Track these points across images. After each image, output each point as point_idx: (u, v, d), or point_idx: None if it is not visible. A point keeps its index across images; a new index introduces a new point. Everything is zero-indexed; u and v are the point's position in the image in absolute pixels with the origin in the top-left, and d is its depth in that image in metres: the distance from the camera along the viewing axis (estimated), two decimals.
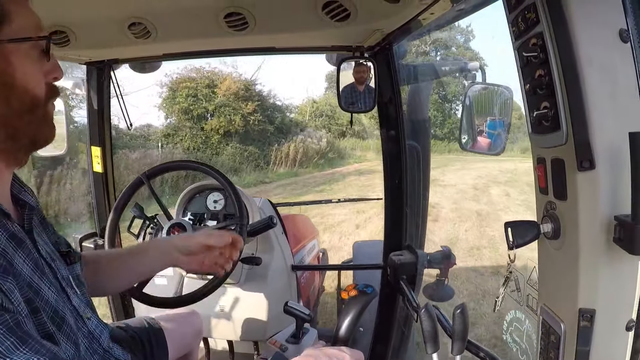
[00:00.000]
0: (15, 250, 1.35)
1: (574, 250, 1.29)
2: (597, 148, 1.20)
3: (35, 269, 1.40)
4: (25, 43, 1.38)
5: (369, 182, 23.29)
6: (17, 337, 1.13)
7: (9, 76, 1.35)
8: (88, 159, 3.63)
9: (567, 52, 1.20)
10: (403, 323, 3.28)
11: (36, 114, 1.43)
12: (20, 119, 1.40)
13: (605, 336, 1.31)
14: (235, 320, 3.56)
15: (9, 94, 1.36)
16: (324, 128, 39.15)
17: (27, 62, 1.39)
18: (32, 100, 1.41)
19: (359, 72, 2.87)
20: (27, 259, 1.39)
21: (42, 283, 1.40)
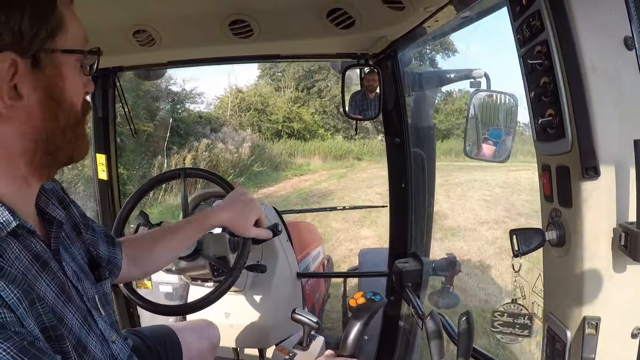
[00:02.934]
0: (39, 273, 1.28)
1: (579, 258, 1.29)
2: (602, 155, 1.20)
3: (60, 293, 1.34)
4: (75, 56, 1.33)
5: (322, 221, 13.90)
6: (31, 356, 1.05)
7: (59, 90, 1.29)
8: (93, 167, 3.63)
9: (571, 59, 1.20)
10: (408, 330, 3.27)
11: (78, 130, 1.38)
12: (64, 136, 1.34)
13: (610, 344, 1.31)
14: (241, 327, 3.56)
15: (57, 110, 1.30)
16: (250, 127, 31.64)
17: (75, 75, 1.34)
18: (76, 116, 1.36)
19: (369, 80, 2.88)
20: (52, 282, 1.32)
21: (66, 310, 1.34)
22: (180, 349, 2.47)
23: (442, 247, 10.82)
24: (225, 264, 2.78)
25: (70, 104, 1.32)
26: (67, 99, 1.31)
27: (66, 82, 1.29)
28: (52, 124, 1.29)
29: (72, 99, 1.32)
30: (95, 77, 3.41)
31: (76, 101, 1.34)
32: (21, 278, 1.18)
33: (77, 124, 1.36)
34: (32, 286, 1.21)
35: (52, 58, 1.26)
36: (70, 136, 1.34)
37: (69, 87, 1.30)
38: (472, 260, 10.42)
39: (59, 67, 1.27)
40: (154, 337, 2.41)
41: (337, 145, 36.51)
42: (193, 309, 2.63)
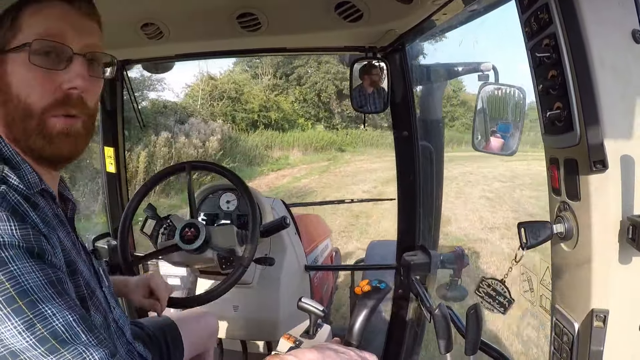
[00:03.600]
0: (58, 226, 1.47)
1: (587, 251, 1.29)
2: (610, 148, 1.20)
3: (72, 247, 1.53)
4: (24, 51, 1.42)
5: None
6: (56, 291, 1.25)
7: (4, 84, 1.45)
8: (101, 160, 3.64)
9: (579, 52, 1.20)
10: (416, 323, 3.28)
11: (29, 124, 1.46)
12: (15, 124, 1.47)
13: (618, 337, 1.31)
14: (249, 320, 3.57)
15: (5, 98, 1.45)
16: (223, 117, 30.47)
17: (24, 70, 1.43)
18: (24, 109, 1.44)
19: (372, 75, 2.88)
20: (67, 237, 1.52)
21: (78, 259, 1.52)
22: (180, 339, 2.50)
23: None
24: (234, 256, 2.79)
25: (17, 96, 1.44)
26: (12, 92, 1.44)
27: (10, 76, 1.45)
28: (2, 110, 1.47)
29: (17, 93, 1.44)
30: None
31: (24, 96, 1.44)
32: (49, 221, 1.41)
33: (25, 116, 1.45)
34: (56, 231, 1.43)
35: (3, 58, 1.45)
36: (20, 128, 1.46)
37: (14, 82, 1.44)
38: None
39: (7, 65, 1.44)
40: (155, 328, 2.45)
41: (318, 136, 35.85)
42: (201, 302, 2.65)
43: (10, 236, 1.23)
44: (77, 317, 1.25)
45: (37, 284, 1.22)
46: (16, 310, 1.17)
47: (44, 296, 1.21)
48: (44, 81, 1.44)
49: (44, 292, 1.22)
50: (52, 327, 1.20)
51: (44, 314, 1.20)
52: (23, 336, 1.17)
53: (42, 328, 1.18)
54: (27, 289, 1.19)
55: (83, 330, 1.25)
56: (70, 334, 1.22)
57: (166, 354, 2.40)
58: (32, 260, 1.24)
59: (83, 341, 1.23)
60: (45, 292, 1.22)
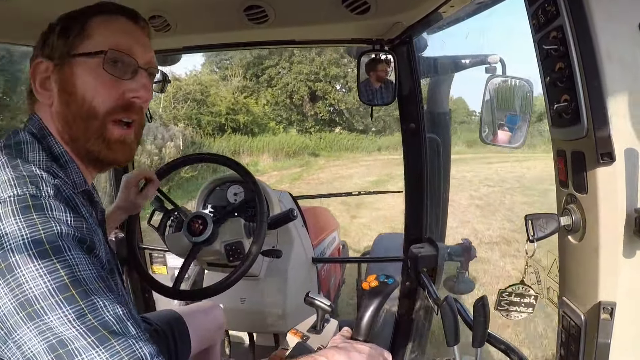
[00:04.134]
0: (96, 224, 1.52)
1: (595, 243, 1.29)
2: (617, 141, 1.20)
3: (106, 244, 1.61)
4: (93, 60, 1.56)
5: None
6: (105, 285, 1.30)
7: (71, 85, 1.56)
8: None
9: (587, 45, 1.20)
10: (423, 316, 3.28)
11: (91, 124, 1.57)
12: (75, 122, 1.57)
13: (626, 329, 1.31)
14: (256, 312, 3.58)
15: (69, 99, 1.56)
16: (187, 121, 29.31)
17: (90, 76, 1.56)
18: (88, 111, 1.56)
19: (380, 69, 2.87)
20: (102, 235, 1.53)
21: (111, 258, 1.58)
22: (187, 331, 2.51)
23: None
24: (241, 249, 2.79)
25: (82, 98, 1.56)
26: (79, 93, 1.56)
27: (78, 79, 1.56)
28: (64, 110, 1.57)
29: (84, 94, 1.56)
30: None
31: (90, 99, 1.56)
32: (91, 220, 1.47)
33: (88, 117, 1.57)
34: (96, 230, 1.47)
35: (70, 61, 1.57)
36: (81, 126, 1.58)
37: (82, 84, 1.56)
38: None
39: (74, 68, 1.56)
40: (162, 322, 2.45)
41: (290, 140, 34.58)
42: (209, 294, 2.65)
43: (68, 226, 1.29)
44: (127, 311, 1.28)
45: (89, 275, 1.26)
46: (68, 298, 1.19)
47: (95, 288, 1.25)
48: (111, 87, 1.58)
49: (95, 284, 1.26)
50: (103, 318, 1.22)
51: (95, 305, 1.22)
52: (73, 324, 1.18)
53: (92, 318, 1.20)
54: (80, 278, 1.23)
55: (133, 324, 1.27)
56: (120, 326, 1.24)
57: (173, 348, 2.40)
58: (84, 252, 1.30)
59: (133, 334, 1.24)
60: (96, 284, 1.26)
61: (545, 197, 15.79)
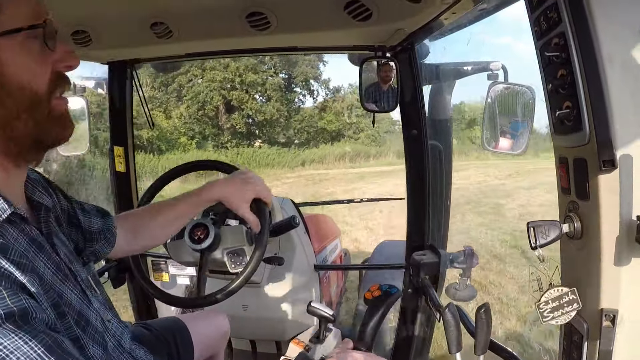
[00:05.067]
0: (36, 254, 1.31)
1: (597, 250, 1.29)
2: (619, 148, 1.20)
3: (57, 272, 1.37)
4: (18, 35, 1.24)
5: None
6: (56, 357, 1.08)
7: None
8: (110, 159, 3.65)
9: (589, 51, 1.20)
10: (425, 323, 3.28)
11: (38, 112, 1.31)
12: (18, 119, 1.28)
13: (628, 336, 1.31)
14: (258, 320, 3.58)
15: (1, 95, 1.24)
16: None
17: (22, 55, 1.26)
18: (31, 97, 1.28)
19: (385, 71, 2.88)
20: (49, 262, 1.36)
21: (64, 286, 1.37)
22: (190, 340, 2.48)
23: None
24: (243, 256, 2.79)
25: (19, 87, 1.25)
26: (12, 82, 1.24)
27: (4, 66, 1.23)
28: (1, 111, 1.25)
29: (20, 80, 1.25)
30: (112, 70, 3.43)
31: (29, 82, 1.27)
32: (25, 258, 1.22)
33: (34, 105, 1.29)
34: (34, 265, 1.25)
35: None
36: (29, 119, 1.29)
37: (12, 71, 1.24)
38: None
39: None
40: (163, 329, 2.42)
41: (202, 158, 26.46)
42: (210, 302, 2.65)
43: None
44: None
45: (31, 357, 1.04)
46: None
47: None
48: (43, 63, 1.31)
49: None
50: None
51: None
52: None
53: None
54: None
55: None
56: None
57: (176, 355, 2.38)
58: (17, 330, 1.05)
59: None
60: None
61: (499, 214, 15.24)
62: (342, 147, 40.10)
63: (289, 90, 42.82)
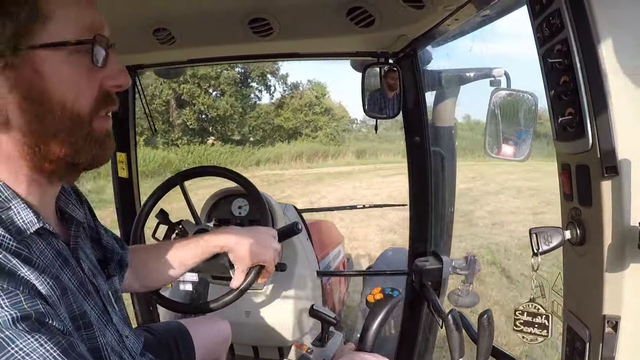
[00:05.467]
0: (61, 268, 1.30)
1: (599, 257, 1.29)
2: (622, 154, 1.20)
3: (80, 287, 1.36)
4: (65, 48, 1.17)
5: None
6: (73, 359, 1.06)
7: (37, 91, 1.16)
8: (112, 165, 3.65)
9: (591, 58, 1.20)
10: (428, 329, 3.28)
11: (77, 133, 1.24)
12: (55, 138, 1.21)
13: (630, 343, 1.31)
14: (260, 326, 3.58)
15: (41, 112, 1.17)
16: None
17: (67, 70, 1.19)
18: (72, 117, 1.21)
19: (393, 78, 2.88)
20: (73, 277, 1.34)
21: (85, 303, 1.34)
22: (192, 344, 2.47)
23: None
24: None
25: (61, 105, 1.19)
26: (54, 99, 1.18)
27: (47, 81, 1.16)
28: (38, 128, 1.19)
29: (62, 99, 1.19)
30: None
31: (72, 101, 1.20)
32: (49, 269, 1.19)
33: (75, 126, 1.23)
34: (59, 277, 1.23)
35: (27, 56, 1.14)
36: (68, 140, 1.23)
37: (55, 87, 1.17)
38: None
39: (36, 66, 1.15)
40: (166, 333, 2.41)
41: (149, 157, 29.29)
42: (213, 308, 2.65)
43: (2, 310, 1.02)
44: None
45: (47, 359, 1.02)
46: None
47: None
48: (89, 80, 1.24)
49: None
50: None
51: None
52: None
53: None
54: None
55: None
56: None
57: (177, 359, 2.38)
58: (32, 333, 1.02)
59: None
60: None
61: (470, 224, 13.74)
62: (298, 146, 39.44)
63: (244, 85, 42.08)
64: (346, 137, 44.70)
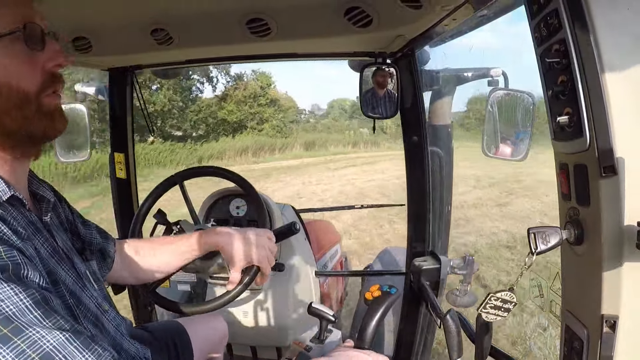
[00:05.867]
0: (33, 234, 1.41)
1: (597, 256, 1.29)
2: (620, 154, 1.20)
3: (53, 253, 1.47)
4: (3, 39, 1.34)
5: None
6: (42, 312, 1.15)
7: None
8: (110, 165, 3.65)
9: (589, 57, 1.20)
10: (426, 328, 3.28)
11: (26, 109, 1.41)
12: (8, 115, 1.38)
13: (628, 342, 1.31)
14: (258, 326, 3.58)
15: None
16: None
17: (7, 58, 1.36)
18: (19, 96, 1.38)
19: (381, 76, 2.88)
20: (46, 243, 1.46)
21: (59, 267, 1.46)
22: (190, 343, 2.48)
23: None
24: None
25: (7, 87, 1.35)
26: (2, 82, 1.34)
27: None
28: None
29: (7, 82, 1.35)
30: (113, 76, 3.43)
31: (16, 84, 1.36)
32: (23, 233, 1.31)
33: (24, 103, 1.39)
34: (32, 240, 1.37)
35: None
36: (19, 115, 1.39)
37: (1, 73, 1.34)
38: None
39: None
40: (163, 333, 2.43)
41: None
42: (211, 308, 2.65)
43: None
44: (70, 336, 1.18)
45: (19, 307, 1.13)
46: (2, 338, 1.09)
47: (28, 320, 1.13)
48: (30, 64, 1.41)
49: (29, 315, 1.14)
50: (43, 350, 1.13)
51: (32, 338, 1.12)
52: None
53: (32, 353, 1.10)
54: (8, 315, 1.11)
55: (78, 347, 1.18)
56: (64, 353, 1.15)
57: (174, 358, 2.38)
58: (8, 282, 1.14)
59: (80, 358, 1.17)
60: (29, 315, 1.14)
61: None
62: (243, 140, 38.77)
63: (184, 77, 40.83)
64: (294, 129, 44.21)
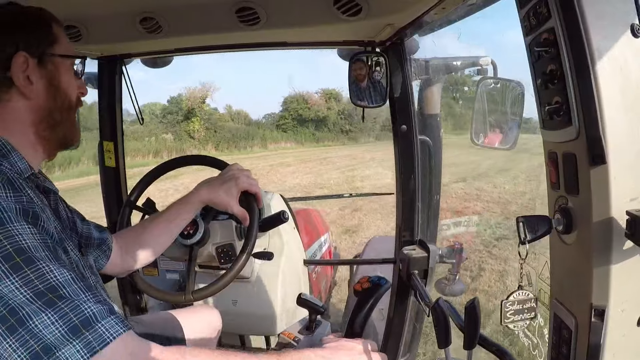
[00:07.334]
0: (43, 208, 1.58)
1: (586, 246, 1.29)
2: (609, 143, 1.20)
3: (58, 223, 1.68)
4: (69, 59, 1.79)
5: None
6: (51, 253, 1.38)
7: (56, 80, 1.74)
8: (99, 154, 3.63)
9: (578, 46, 1.20)
10: (415, 317, 3.28)
11: (69, 114, 1.81)
12: (60, 113, 1.76)
13: (617, 332, 1.31)
14: (247, 315, 3.58)
15: (55, 93, 1.74)
16: None
17: (68, 74, 1.79)
18: (69, 102, 1.79)
19: (356, 69, 2.87)
20: (52, 215, 1.65)
21: (63, 235, 1.67)
22: (182, 335, 2.49)
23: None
24: (232, 251, 2.79)
25: (65, 92, 1.77)
26: (62, 88, 1.76)
27: (61, 76, 1.76)
28: (51, 103, 1.74)
29: (66, 89, 1.78)
30: (102, 65, 3.42)
31: (70, 92, 1.80)
32: (38, 202, 1.55)
33: (69, 108, 1.81)
34: (45, 210, 1.57)
35: (52, 59, 1.73)
36: (63, 116, 1.79)
37: (64, 80, 1.77)
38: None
39: (56, 65, 1.74)
40: (156, 324, 2.44)
41: None
42: (200, 297, 2.64)
43: (7, 200, 1.38)
44: (75, 276, 1.36)
45: (33, 244, 1.34)
46: (14, 266, 1.27)
47: (40, 256, 1.33)
48: (74, 85, 1.83)
49: (41, 252, 1.34)
50: (50, 283, 1.30)
51: (41, 270, 1.30)
52: (21, 291, 1.26)
53: (39, 284, 1.28)
54: (24, 247, 1.31)
55: (81, 287, 1.34)
56: (68, 290, 1.32)
57: None
58: (27, 223, 1.38)
59: (81, 297, 1.32)
60: (42, 252, 1.34)
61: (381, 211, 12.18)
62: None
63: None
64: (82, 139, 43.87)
